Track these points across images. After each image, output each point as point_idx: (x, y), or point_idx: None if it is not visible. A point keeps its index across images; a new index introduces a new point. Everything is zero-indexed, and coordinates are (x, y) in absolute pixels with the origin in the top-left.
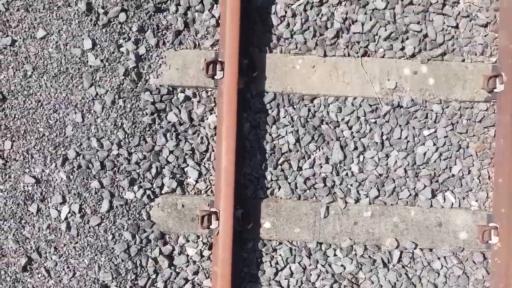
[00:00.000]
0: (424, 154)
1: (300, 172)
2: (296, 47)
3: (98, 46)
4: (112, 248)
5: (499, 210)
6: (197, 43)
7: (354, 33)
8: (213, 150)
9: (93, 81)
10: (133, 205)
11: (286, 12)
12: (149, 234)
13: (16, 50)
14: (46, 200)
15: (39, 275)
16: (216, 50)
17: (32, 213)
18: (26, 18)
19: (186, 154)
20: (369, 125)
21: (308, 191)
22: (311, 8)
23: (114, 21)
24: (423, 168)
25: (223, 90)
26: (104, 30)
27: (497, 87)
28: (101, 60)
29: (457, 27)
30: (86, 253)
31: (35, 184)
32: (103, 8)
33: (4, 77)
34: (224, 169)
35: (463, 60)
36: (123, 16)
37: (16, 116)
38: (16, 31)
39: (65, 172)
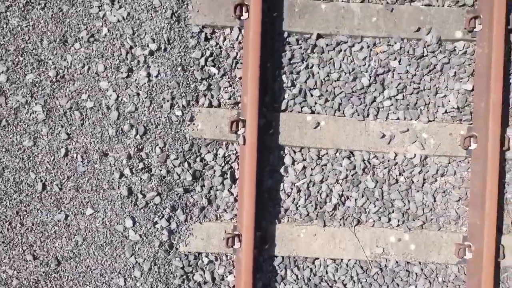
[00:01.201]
0: None
1: None
2: (301, 218)
3: (137, 223)
4: None
5: None
6: (218, 216)
7: (348, 207)
8: None
9: (133, 251)
10: None
11: (292, 189)
12: None
13: (69, 223)
14: None
15: None
16: (234, 223)
17: None
18: (76, 197)
19: None
20: (361, 284)
21: None
22: (313, 186)
23: (150, 203)
24: None
25: (241, 257)
26: (142, 211)
27: (466, 255)
28: (140, 235)
29: (434, 201)
30: None
31: None
32: (142, 193)
33: (59, 245)
34: None
35: (439, 229)
36: (157, 199)
37: (69, 278)
38: (69, 208)
39: None
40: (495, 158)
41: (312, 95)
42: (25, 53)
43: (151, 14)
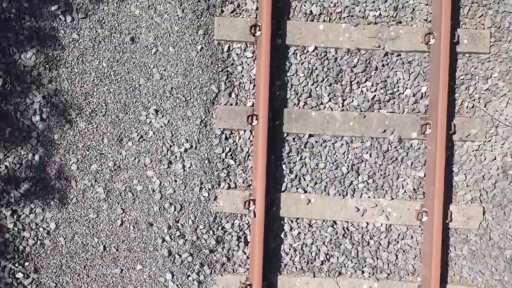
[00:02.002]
0: None
1: None
2: (296, 270)
3: (175, 276)
4: None
5: None
6: (235, 270)
7: (332, 262)
8: None
9: None
10: None
11: (290, 249)
12: None
13: (123, 275)
14: None
15: None
16: (247, 275)
17: None
18: (129, 256)
19: None
20: None
21: None
22: (305, 247)
23: (185, 261)
24: None
25: None
26: (179, 267)
27: None
28: (177, 285)
29: (396, 258)
30: None
31: None
32: (178, 254)
33: None
34: None
35: (400, 279)
36: (190, 258)
37: None
38: (123, 264)
39: None
40: (439, 228)
41: (305, 180)
42: (90, 149)
43: (185, 121)
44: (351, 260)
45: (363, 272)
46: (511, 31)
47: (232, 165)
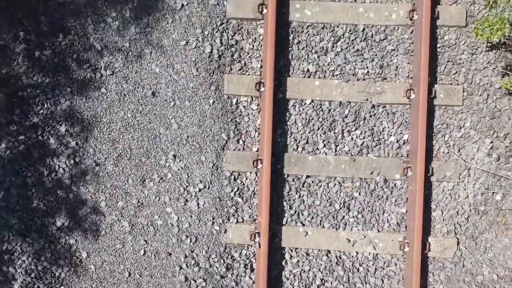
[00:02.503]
0: None
1: None
2: None
3: None
4: None
5: None
6: None
7: (327, 287)
8: None
9: None
10: None
11: (290, 275)
12: None
13: None
14: None
15: None
16: None
17: None
18: (150, 281)
19: None
20: None
21: None
22: (304, 273)
23: (199, 286)
24: None
25: None
26: None
27: None
28: None
29: (382, 282)
30: None
31: None
32: (193, 279)
33: None
34: None
35: None
36: (204, 283)
37: None
38: None
39: None
40: (419, 257)
41: (303, 215)
42: (117, 188)
43: (199, 165)
44: (343, 285)
45: None
46: (481, 86)
47: (240, 202)
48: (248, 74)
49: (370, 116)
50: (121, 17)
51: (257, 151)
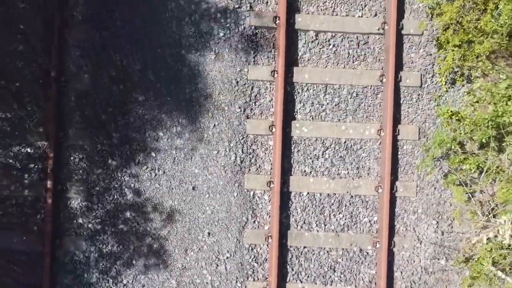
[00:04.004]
0: None
1: None
2: None
3: None
4: None
5: None
6: None
7: None
8: None
9: None
10: None
11: None
12: None
13: None
14: None
15: None
16: None
17: None
18: None
19: None
20: None
21: None
22: None
23: None
24: None
25: None
26: None
27: None
28: None
29: None
30: None
31: None
32: None
33: None
34: None
35: None
36: None
37: None
38: None
39: None
40: None
41: (301, 275)
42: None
43: (226, 240)
44: None
45: None
46: (431, 183)
47: (255, 266)
48: (262, 174)
49: (350, 204)
50: (170, 132)
51: (268, 229)
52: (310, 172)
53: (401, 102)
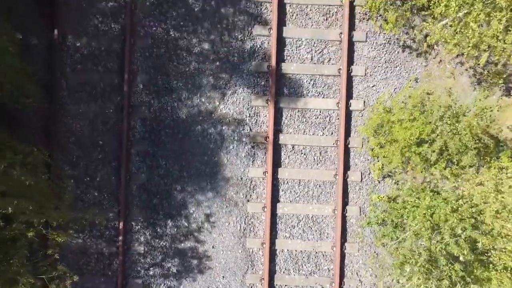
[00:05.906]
0: None
1: None
2: None
3: None
4: None
5: None
6: None
7: None
8: None
9: None
10: None
11: None
12: None
13: None
14: None
15: None
16: None
17: None
18: None
19: None
20: None
21: None
22: None
23: None
24: None
25: None
26: None
27: None
28: None
29: None
30: None
31: None
32: None
33: None
34: None
35: None
36: None
37: None
38: None
39: None
40: None
41: None
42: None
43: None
44: None
45: None
46: (368, 243)
47: None
48: (258, 238)
49: (315, 257)
50: (199, 210)
51: (262, 273)
52: (289, 236)
53: (348, 191)
